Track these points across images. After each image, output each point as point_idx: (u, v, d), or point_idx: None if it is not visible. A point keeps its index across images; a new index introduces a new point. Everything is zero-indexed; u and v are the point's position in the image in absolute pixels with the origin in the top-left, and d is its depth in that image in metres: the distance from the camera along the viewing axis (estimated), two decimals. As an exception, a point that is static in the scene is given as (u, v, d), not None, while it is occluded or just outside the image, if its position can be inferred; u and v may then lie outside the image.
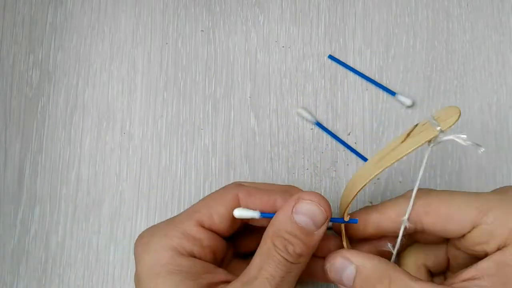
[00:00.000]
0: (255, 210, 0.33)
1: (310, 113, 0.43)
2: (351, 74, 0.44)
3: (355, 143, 0.43)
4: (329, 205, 0.32)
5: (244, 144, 0.44)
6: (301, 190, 0.35)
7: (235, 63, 0.45)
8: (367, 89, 0.44)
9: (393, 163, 0.30)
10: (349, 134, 0.43)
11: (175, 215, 0.35)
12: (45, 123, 0.45)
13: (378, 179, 0.42)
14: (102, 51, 0.46)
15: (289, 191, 0.35)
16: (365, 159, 0.42)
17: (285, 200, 0.33)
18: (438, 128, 0.29)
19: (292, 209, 0.31)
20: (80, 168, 0.44)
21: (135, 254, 0.33)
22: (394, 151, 0.30)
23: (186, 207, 0.43)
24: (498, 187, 0.35)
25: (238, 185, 0.35)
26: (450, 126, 0.29)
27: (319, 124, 0.43)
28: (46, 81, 0.46)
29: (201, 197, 0.43)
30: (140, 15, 0.47)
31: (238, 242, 0.38)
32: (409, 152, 0.29)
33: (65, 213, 0.44)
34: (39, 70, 0.46)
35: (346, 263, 0.32)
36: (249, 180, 0.43)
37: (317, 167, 0.43)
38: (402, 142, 0.30)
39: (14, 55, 0.47)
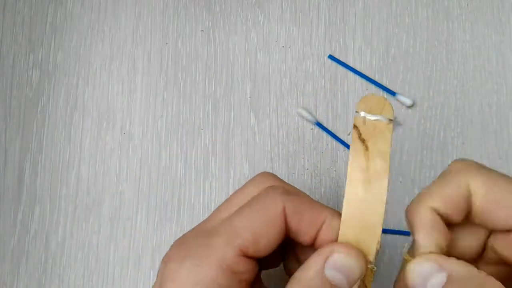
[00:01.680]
0: (297, 229, 0.28)
1: (310, 113, 0.44)
2: (351, 74, 0.44)
3: (355, 143, 0.43)
4: (366, 261, 0.27)
5: (244, 144, 0.44)
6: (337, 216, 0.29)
7: (235, 63, 0.45)
8: (367, 89, 0.44)
9: (388, 167, 0.27)
10: (349, 134, 0.43)
11: (211, 227, 0.29)
12: (45, 123, 0.45)
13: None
14: (102, 51, 0.46)
15: (337, 216, 0.29)
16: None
17: (335, 220, 0.28)
18: (387, 119, 0.28)
19: (325, 263, 0.26)
20: (80, 168, 0.44)
21: (159, 275, 0.28)
22: (371, 164, 0.27)
23: (186, 207, 0.43)
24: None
25: (284, 192, 0.28)
26: (393, 112, 0.28)
27: (319, 124, 0.43)
28: (46, 81, 0.46)
29: (201, 197, 0.43)
30: (140, 15, 0.47)
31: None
32: (389, 148, 0.27)
33: (65, 213, 0.44)
34: (39, 70, 0.46)
35: (435, 269, 0.25)
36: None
37: (317, 167, 0.43)
38: (367, 150, 0.27)
39: (14, 55, 0.47)
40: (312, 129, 0.44)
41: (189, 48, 0.46)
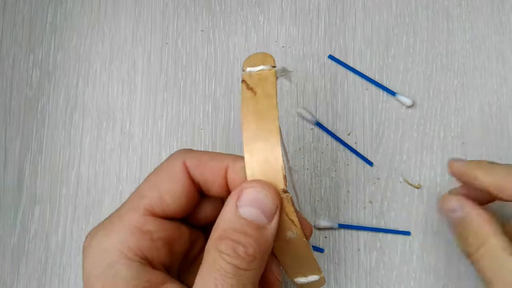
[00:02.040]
0: (204, 181, 0.28)
1: (310, 113, 0.43)
2: (351, 74, 0.44)
3: (355, 143, 0.43)
4: (276, 191, 0.27)
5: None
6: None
7: (235, 63, 0.45)
8: (367, 89, 0.44)
9: (276, 107, 0.28)
10: (349, 134, 0.43)
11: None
12: (45, 123, 0.45)
13: (378, 178, 0.42)
14: (102, 51, 0.46)
15: (239, 160, 0.29)
16: (365, 159, 0.42)
17: (238, 163, 0.28)
18: (268, 66, 0.30)
19: (236, 202, 0.26)
20: (80, 168, 0.44)
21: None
22: (260, 103, 0.29)
23: (186, 207, 0.43)
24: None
25: (185, 151, 0.30)
26: (274, 61, 0.30)
27: (319, 124, 0.43)
28: (46, 81, 0.46)
29: (201, 197, 0.43)
30: (140, 15, 0.47)
31: (195, 215, 0.32)
32: (276, 92, 0.29)
33: (65, 213, 0.44)
34: (39, 70, 0.46)
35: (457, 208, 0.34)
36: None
37: (317, 167, 0.43)
38: (255, 95, 0.29)
39: (14, 55, 0.47)
40: (312, 129, 0.44)
41: (189, 48, 0.46)
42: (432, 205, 0.42)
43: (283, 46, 0.45)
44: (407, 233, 0.41)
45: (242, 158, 0.27)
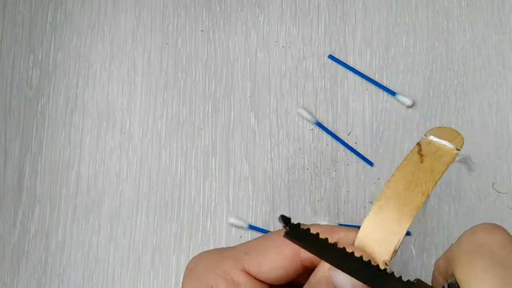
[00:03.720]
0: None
1: (310, 113, 0.43)
2: (351, 74, 0.44)
3: (355, 143, 0.43)
4: (376, 262, 0.26)
5: (244, 144, 0.44)
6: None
7: (235, 63, 0.45)
8: (367, 89, 0.44)
9: (435, 185, 0.27)
10: (349, 134, 0.43)
11: (229, 247, 0.31)
12: (45, 123, 0.45)
13: (378, 179, 0.42)
14: (102, 51, 0.46)
15: (352, 231, 0.28)
16: (365, 159, 0.42)
17: (351, 234, 0.27)
18: (453, 146, 0.28)
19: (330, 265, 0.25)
20: (80, 168, 0.44)
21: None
22: (422, 173, 0.27)
23: (186, 207, 0.43)
24: (498, 187, 0.35)
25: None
26: (462, 144, 0.28)
27: (319, 124, 0.43)
28: (46, 81, 0.46)
29: (201, 197, 0.43)
30: (140, 15, 0.47)
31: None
32: (444, 172, 0.27)
33: (65, 213, 0.44)
34: (39, 70, 0.46)
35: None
36: (250, 182, 0.43)
37: (317, 167, 0.43)
38: (421, 162, 0.27)
39: (14, 55, 0.47)
40: (312, 129, 0.44)
41: (189, 48, 0.46)
42: (432, 205, 0.42)
43: (283, 46, 0.45)
44: (407, 233, 0.41)
45: (355, 231, 0.27)
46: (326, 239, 0.24)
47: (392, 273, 0.25)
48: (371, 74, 0.44)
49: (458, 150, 0.28)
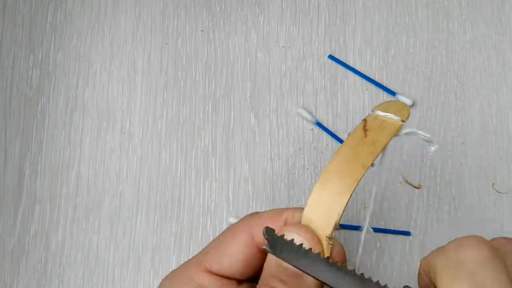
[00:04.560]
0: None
1: (310, 113, 0.44)
2: (351, 74, 0.44)
3: (355, 143, 0.43)
4: (317, 239, 0.26)
5: (244, 144, 0.44)
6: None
7: (235, 63, 0.45)
8: (367, 89, 0.44)
9: (375, 157, 0.27)
10: (349, 134, 0.43)
11: (189, 256, 0.32)
12: (45, 123, 0.45)
13: (378, 178, 0.42)
14: (102, 51, 0.46)
15: (298, 210, 0.29)
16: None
17: (297, 213, 0.28)
18: (398, 118, 0.28)
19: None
20: (80, 168, 0.44)
21: None
22: (364, 146, 0.27)
23: (186, 207, 0.43)
24: (498, 187, 0.35)
25: (251, 215, 0.30)
26: (408, 116, 0.28)
27: (319, 124, 0.43)
28: (46, 81, 0.46)
29: (201, 197, 0.43)
30: (140, 15, 0.47)
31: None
32: (386, 144, 0.27)
33: (65, 213, 0.44)
34: (39, 70, 0.46)
35: None
36: (250, 182, 0.43)
37: (317, 167, 0.43)
38: (365, 137, 0.28)
39: (14, 55, 0.47)
40: (312, 129, 0.44)
41: (189, 48, 0.46)
42: (432, 205, 0.42)
43: (283, 46, 0.45)
44: (407, 233, 0.41)
45: (301, 209, 0.27)
46: (310, 249, 0.25)
47: (377, 281, 0.25)
48: (371, 74, 0.44)
49: (403, 121, 0.28)
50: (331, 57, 0.45)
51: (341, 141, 0.43)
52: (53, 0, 0.47)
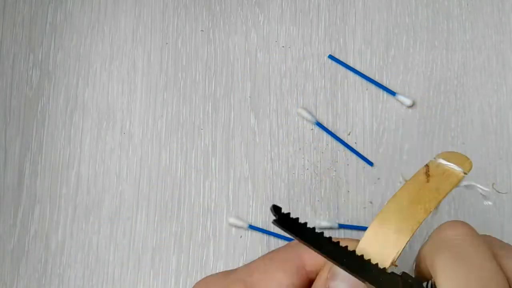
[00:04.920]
0: (321, 268, 0.28)
1: (310, 113, 0.44)
2: (351, 74, 0.44)
3: (355, 143, 0.43)
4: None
5: (244, 144, 0.44)
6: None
7: (235, 63, 0.45)
8: (367, 89, 0.44)
9: (438, 204, 0.28)
10: (349, 134, 0.43)
11: (233, 270, 0.30)
12: (45, 123, 0.45)
13: (378, 178, 0.42)
14: (102, 51, 0.46)
15: (355, 242, 0.28)
16: (365, 159, 0.42)
17: (353, 243, 0.27)
18: (461, 170, 0.29)
19: (327, 274, 0.26)
20: (80, 168, 0.44)
21: None
22: (426, 191, 0.28)
23: (186, 207, 0.43)
24: (498, 187, 0.35)
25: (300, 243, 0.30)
26: (470, 169, 0.29)
27: (319, 124, 0.43)
28: (46, 81, 0.46)
29: (201, 197, 0.43)
30: (140, 15, 0.47)
31: None
32: (448, 193, 0.28)
33: (65, 213, 0.44)
34: (39, 70, 0.46)
35: None
36: (250, 182, 0.43)
37: (317, 167, 0.43)
38: (427, 182, 0.28)
39: (14, 55, 0.47)
40: (312, 129, 0.44)
41: (189, 48, 0.46)
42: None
43: (283, 46, 0.45)
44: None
45: (355, 241, 0.27)
46: (314, 228, 0.25)
47: (376, 264, 0.25)
48: (371, 74, 0.44)
49: (465, 173, 0.29)
50: (331, 57, 0.45)
51: (341, 141, 0.43)
52: (53, 0, 0.47)
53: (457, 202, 0.41)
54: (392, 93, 0.43)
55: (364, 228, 0.41)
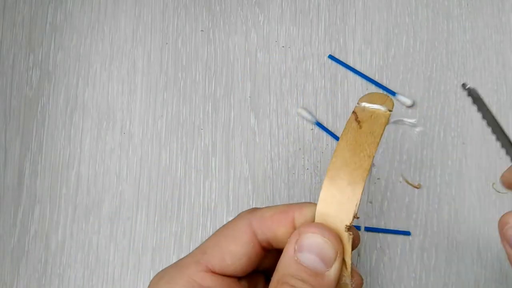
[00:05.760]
0: (272, 237, 0.28)
1: (310, 113, 0.44)
2: (351, 74, 0.44)
3: (355, 143, 0.43)
4: (338, 236, 0.26)
5: (244, 144, 0.44)
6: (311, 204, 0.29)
7: (235, 63, 0.45)
8: (367, 89, 0.44)
9: (376, 146, 0.28)
10: (349, 134, 0.43)
11: (185, 255, 0.31)
12: (45, 123, 0.45)
13: (378, 178, 0.42)
14: (102, 51, 0.46)
15: (305, 206, 0.29)
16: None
17: (305, 209, 0.28)
18: (386, 108, 0.29)
19: (294, 247, 0.26)
20: (80, 168, 0.44)
21: None
22: (363, 137, 0.28)
23: (186, 207, 0.43)
24: (498, 187, 0.35)
25: (251, 211, 0.30)
26: (393, 105, 0.30)
27: (319, 124, 0.43)
28: (46, 81, 0.46)
29: (201, 197, 0.43)
30: (140, 15, 0.47)
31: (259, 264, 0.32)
32: (382, 133, 0.28)
33: (65, 213, 0.44)
34: (39, 70, 0.46)
35: None
36: (250, 182, 0.43)
37: (317, 167, 0.43)
38: (360, 128, 0.29)
39: (14, 55, 0.47)
40: (312, 129, 0.44)
41: (189, 48, 0.46)
42: (432, 205, 0.42)
43: (283, 46, 0.45)
44: (407, 233, 0.41)
45: (308, 204, 0.28)
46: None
47: None
48: (371, 74, 0.44)
49: (390, 111, 0.30)
50: (331, 57, 0.45)
51: (341, 141, 0.43)
52: (53, 0, 0.47)
53: (457, 202, 0.41)
54: (392, 93, 0.43)
55: (364, 229, 0.41)
